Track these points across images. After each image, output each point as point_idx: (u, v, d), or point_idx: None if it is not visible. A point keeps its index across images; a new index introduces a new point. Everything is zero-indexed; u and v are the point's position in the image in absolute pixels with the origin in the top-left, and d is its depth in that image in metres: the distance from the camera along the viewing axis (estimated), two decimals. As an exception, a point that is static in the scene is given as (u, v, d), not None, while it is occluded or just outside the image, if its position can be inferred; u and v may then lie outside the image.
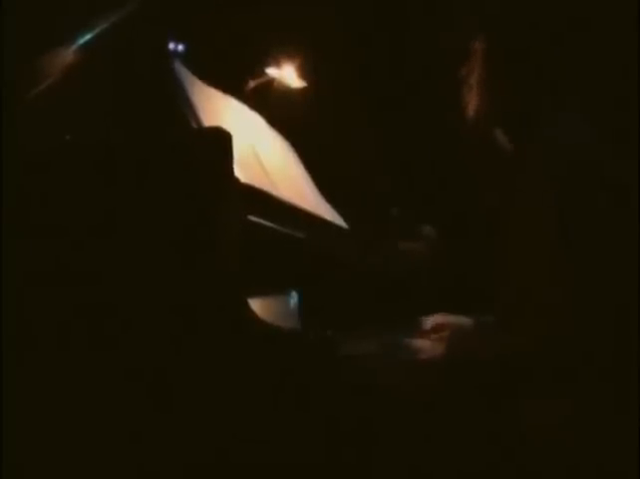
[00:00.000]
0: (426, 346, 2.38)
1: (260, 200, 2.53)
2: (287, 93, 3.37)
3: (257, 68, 3.30)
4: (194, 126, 2.52)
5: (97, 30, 2.63)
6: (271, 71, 3.33)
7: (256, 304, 2.36)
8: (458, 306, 2.53)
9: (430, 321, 2.44)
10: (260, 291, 2.48)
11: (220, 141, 2.37)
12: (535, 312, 2.16)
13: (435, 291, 2.81)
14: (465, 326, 2.39)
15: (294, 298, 2.67)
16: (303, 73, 3.37)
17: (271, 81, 3.32)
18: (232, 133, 2.39)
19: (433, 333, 2.45)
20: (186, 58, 2.76)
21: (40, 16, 2.99)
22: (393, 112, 3.88)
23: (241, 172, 2.47)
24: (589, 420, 2.17)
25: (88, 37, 2.62)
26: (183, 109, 2.54)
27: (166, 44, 2.79)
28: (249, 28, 3.73)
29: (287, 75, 3.35)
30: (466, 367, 2.30)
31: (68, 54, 2.64)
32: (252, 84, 3.23)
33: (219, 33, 3.68)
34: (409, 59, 3.85)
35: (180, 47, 2.77)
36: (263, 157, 2.86)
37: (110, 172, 2.41)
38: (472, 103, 2.36)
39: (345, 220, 3.10)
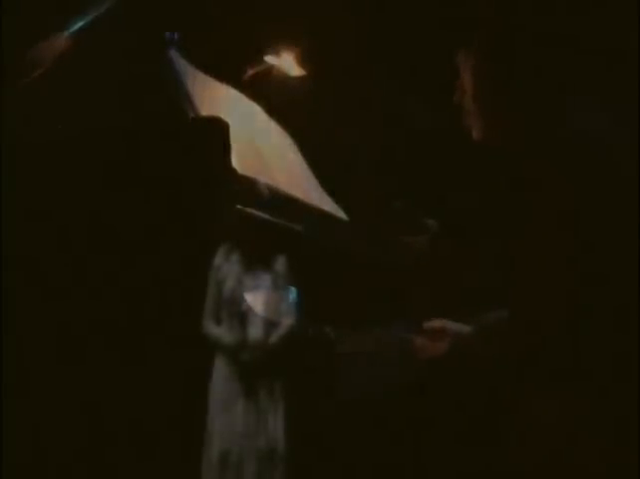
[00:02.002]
0: (424, 344, 2.35)
1: (258, 191, 2.50)
2: (286, 81, 3.34)
3: (256, 56, 3.27)
4: (192, 115, 2.48)
5: (92, 17, 2.60)
6: (270, 59, 3.29)
7: (255, 300, 2.34)
8: (456, 303, 2.51)
9: (429, 325, 2.41)
10: (259, 286, 2.46)
11: (218, 131, 2.34)
12: (543, 312, 2.13)
13: (434, 287, 2.79)
14: (464, 333, 2.36)
15: (293, 294, 2.65)
16: (302, 61, 3.34)
17: (270, 69, 3.28)
18: (230, 123, 2.36)
19: (431, 336, 2.42)
20: (183, 46, 2.72)
21: (36, 4, 2.96)
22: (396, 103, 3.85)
23: (239, 162, 2.44)
24: (589, 419, 2.15)
25: (83, 24, 2.59)
26: (180, 98, 2.51)
27: (163, 32, 2.75)
28: (247, 17, 3.70)
29: (286, 63, 3.31)
30: (464, 364, 2.28)
31: (62, 41, 2.60)
32: (250, 72, 3.19)
33: (217, 22, 3.64)
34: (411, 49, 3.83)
35: (177, 35, 2.73)
36: (261, 147, 2.83)
37: (104, 160, 2.39)
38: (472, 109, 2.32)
39: (344, 211, 3.07)
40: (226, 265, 3.25)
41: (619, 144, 2.23)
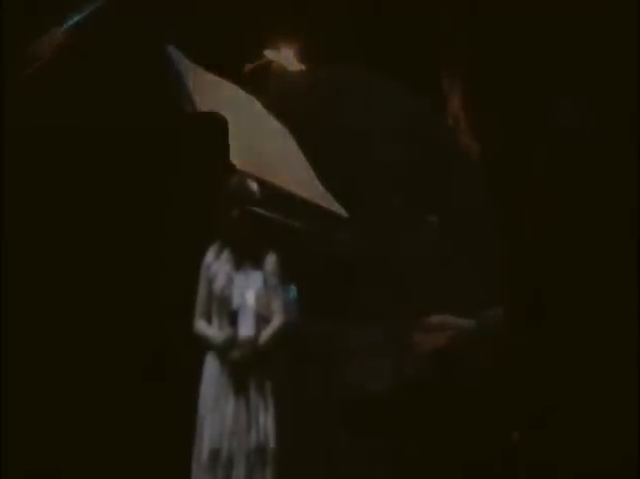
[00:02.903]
0: (423, 338, 2.35)
1: (256, 187, 2.48)
2: (286, 76, 3.32)
3: (255, 51, 3.25)
4: (190, 111, 2.47)
5: (89, 11, 2.58)
6: (269, 54, 3.27)
7: (246, 298, 2.32)
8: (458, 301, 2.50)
9: (430, 320, 2.41)
10: (250, 284, 2.45)
11: (216, 126, 2.33)
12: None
13: (435, 284, 2.77)
14: (464, 327, 2.36)
15: (293, 291, 2.64)
16: (302, 56, 3.32)
17: (269, 64, 3.27)
18: (228, 118, 2.35)
19: (433, 332, 2.41)
20: (183, 43, 2.71)
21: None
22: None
23: (237, 158, 2.43)
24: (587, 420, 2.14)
25: (79, 18, 2.58)
26: (179, 94, 2.49)
27: (162, 27, 2.74)
28: (246, 11, 3.69)
29: (285, 58, 3.30)
30: (463, 361, 2.28)
31: (59, 35, 2.59)
32: (250, 67, 3.17)
33: (217, 18, 3.63)
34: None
35: (176, 30, 2.72)
36: (260, 142, 2.81)
37: (103, 158, 2.38)
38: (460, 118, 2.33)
39: (344, 207, 3.05)
40: (217, 264, 3.24)
41: (607, 146, 2.21)
